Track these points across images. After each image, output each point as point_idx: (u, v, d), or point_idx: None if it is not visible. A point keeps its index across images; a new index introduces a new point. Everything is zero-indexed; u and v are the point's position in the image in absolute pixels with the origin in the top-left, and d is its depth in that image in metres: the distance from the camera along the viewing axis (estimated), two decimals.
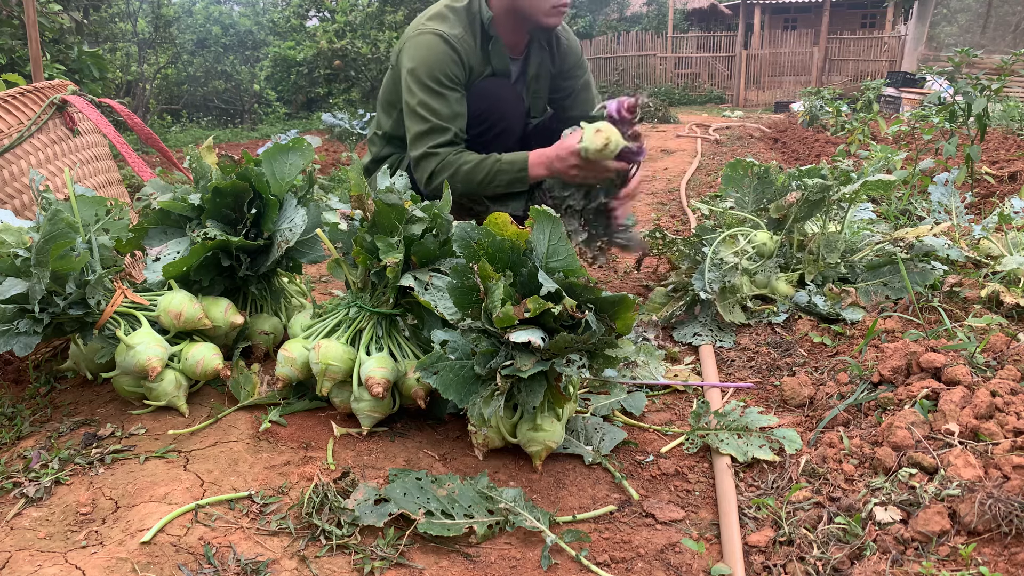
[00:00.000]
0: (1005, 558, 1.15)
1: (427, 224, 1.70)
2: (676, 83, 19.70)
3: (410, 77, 2.35)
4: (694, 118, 12.50)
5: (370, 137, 2.72)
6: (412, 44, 2.36)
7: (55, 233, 1.61)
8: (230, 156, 2.01)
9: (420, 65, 2.32)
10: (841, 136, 7.03)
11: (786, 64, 19.19)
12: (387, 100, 2.58)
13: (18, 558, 1.24)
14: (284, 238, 1.92)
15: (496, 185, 2.36)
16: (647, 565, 1.30)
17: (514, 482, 1.54)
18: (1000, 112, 6.90)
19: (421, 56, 2.33)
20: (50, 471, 1.49)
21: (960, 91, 3.72)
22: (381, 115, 2.63)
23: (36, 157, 2.28)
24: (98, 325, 1.77)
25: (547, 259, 1.48)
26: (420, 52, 2.33)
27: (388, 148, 2.64)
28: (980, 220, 3.06)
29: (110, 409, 1.78)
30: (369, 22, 12.21)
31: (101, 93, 5.87)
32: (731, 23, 22.44)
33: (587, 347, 1.47)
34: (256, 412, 1.76)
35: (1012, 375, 1.58)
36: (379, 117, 2.65)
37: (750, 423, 1.65)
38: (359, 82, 12.38)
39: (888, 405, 1.62)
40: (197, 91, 13.59)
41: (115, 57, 10.20)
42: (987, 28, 29.35)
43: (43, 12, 5.37)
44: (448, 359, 1.51)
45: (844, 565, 1.21)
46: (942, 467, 1.34)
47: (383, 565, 1.25)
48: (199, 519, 1.35)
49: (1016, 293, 2.09)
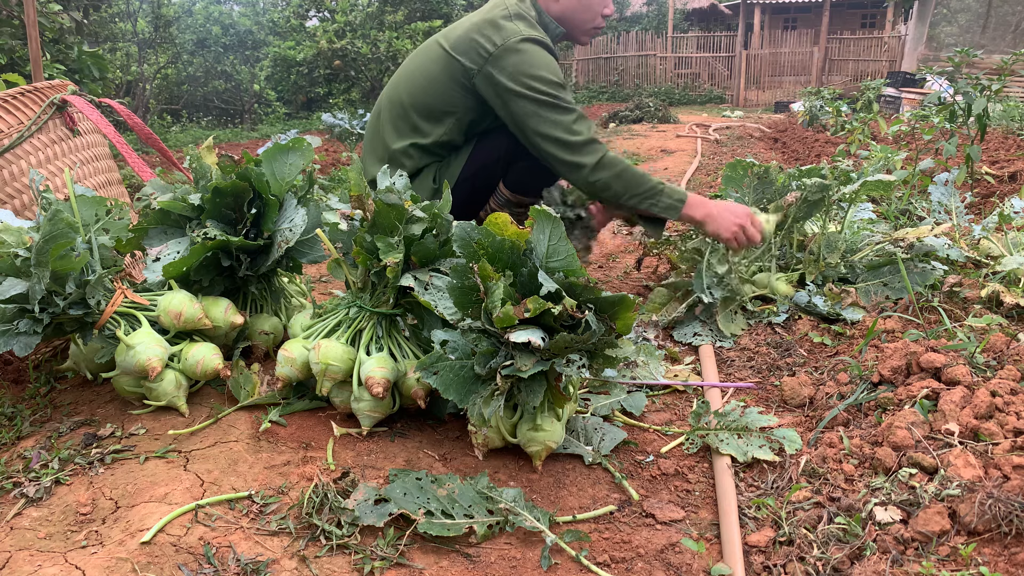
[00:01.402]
0: (1005, 558, 1.15)
1: (427, 224, 1.70)
2: (676, 83, 19.70)
3: (531, 79, 2.21)
4: (694, 118, 12.50)
5: (401, 149, 2.43)
6: (517, 57, 2.22)
7: (55, 233, 1.61)
8: (230, 156, 2.01)
9: (537, 76, 2.22)
10: (841, 136, 7.03)
11: (786, 64, 19.19)
12: (434, 107, 2.38)
13: (18, 558, 1.25)
14: (284, 238, 1.92)
15: (650, 203, 2.30)
16: (647, 565, 1.30)
17: (514, 482, 1.54)
18: (1000, 112, 6.90)
19: (538, 60, 2.24)
20: (50, 471, 1.49)
21: (960, 91, 3.72)
22: (423, 124, 2.40)
23: (36, 157, 2.28)
24: (98, 325, 1.77)
25: (547, 259, 1.48)
26: (534, 60, 2.23)
27: (428, 158, 2.45)
28: (980, 220, 3.06)
29: (110, 409, 1.78)
30: (369, 22, 12.21)
31: (101, 93, 5.87)
32: (731, 23, 22.44)
33: (587, 347, 1.47)
34: (256, 412, 1.76)
35: (1012, 375, 1.58)
36: (417, 126, 2.41)
37: (750, 423, 1.65)
38: (359, 82, 12.38)
39: (888, 405, 1.62)
40: (197, 91, 13.59)
41: (115, 57, 10.21)
42: (987, 28, 29.36)
43: (43, 12, 5.37)
44: (448, 359, 1.52)
45: (844, 565, 1.21)
46: (942, 467, 1.34)
47: (383, 565, 1.25)
48: (199, 519, 1.35)
49: (1016, 293, 2.09)
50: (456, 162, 2.45)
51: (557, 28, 2.42)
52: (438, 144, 2.43)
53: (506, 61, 2.23)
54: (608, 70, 20.44)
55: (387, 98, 2.53)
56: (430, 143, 2.42)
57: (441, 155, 2.47)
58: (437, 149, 2.44)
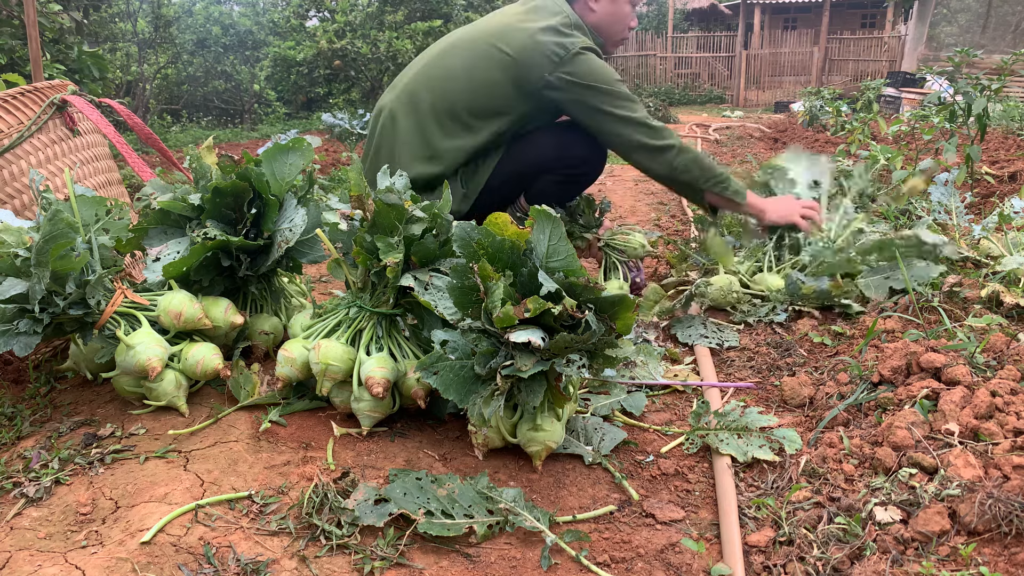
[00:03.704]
0: (1005, 558, 1.15)
1: (427, 224, 1.70)
2: (676, 83, 19.69)
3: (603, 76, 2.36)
4: (694, 118, 12.50)
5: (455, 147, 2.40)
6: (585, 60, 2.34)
7: (55, 233, 1.61)
8: (230, 156, 2.01)
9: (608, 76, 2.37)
10: (841, 136, 7.02)
11: (786, 64, 19.19)
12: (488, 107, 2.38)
13: (18, 558, 1.25)
14: (284, 238, 1.92)
15: (722, 187, 2.46)
16: (647, 565, 1.30)
17: (514, 482, 1.54)
18: (1000, 112, 6.89)
19: (601, 64, 2.39)
20: (50, 471, 1.49)
21: (960, 91, 3.72)
22: (476, 122, 2.39)
23: (36, 157, 2.28)
24: (98, 325, 1.77)
25: (547, 259, 1.48)
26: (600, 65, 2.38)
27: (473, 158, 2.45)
28: (980, 220, 3.06)
29: (110, 409, 1.78)
30: (369, 22, 12.20)
31: (101, 93, 5.87)
32: (731, 23, 22.44)
33: (587, 347, 1.47)
34: (256, 412, 1.76)
35: (1012, 375, 1.58)
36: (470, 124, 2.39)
37: (750, 423, 1.65)
38: (359, 82, 12.38)
39: (888, 405, 1.62)
40: (197, 91, 13.58)
41: (115, 57, 10.20)
42: (987, 28, 29.36)
43: (43, 12, 5.37)
44: (448, 359, 1.52)
45: (844, 565, 1.21)
46: (942, 467, 1.34)
47: (383, 565, 1.25)
48: (199, 519, 1.35)
49: (1016, 293, 2.09)
50: (483, 169, 2.48)
51: (597, 38, 2.53)
52: (485, 144, 2.45)
53: (576, 63, 2.35)
54: None
55: (422, 97, 2.43)
56: (479, 144, 2.43)
57: (481, 157, 2.49)
58: (483, 149, 2.46)
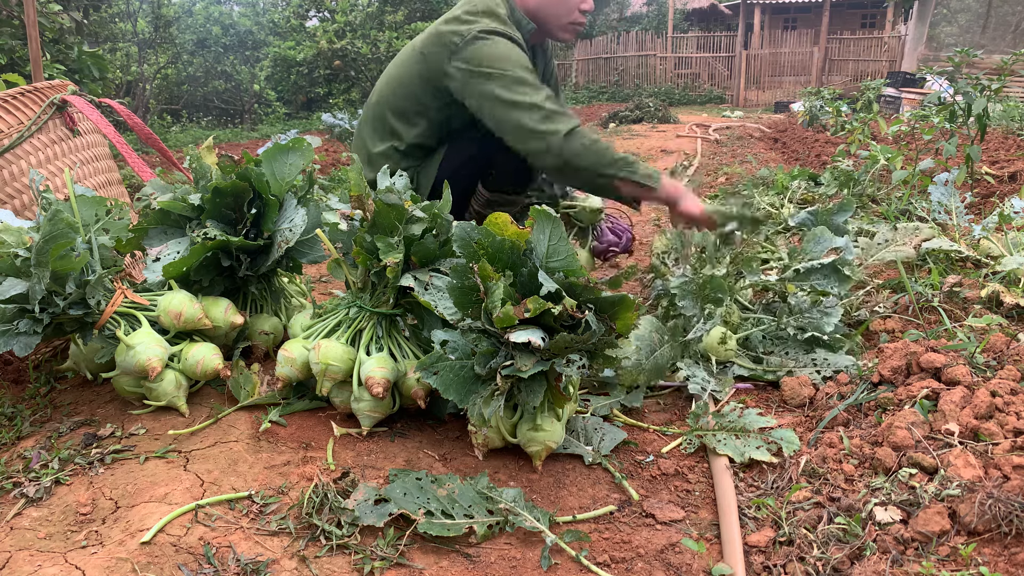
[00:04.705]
0: (1005, 558, 1.15)
1: (427, 224, 1.70)
2: (676, 83, 19.69)
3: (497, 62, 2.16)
4: (694, 118, 12.50)
5: (381, 152, 2.42)
6: (482, 45, 2.19)
7: (55, 233, 1.61)
8: (230, 156, 2.01)
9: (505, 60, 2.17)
10: (841, 136, 7.02)
11: (786, 64, 19.18)
12: (408, 109, 2.37)
13: (18, 558, 1.25)
14: (284, 238, 1.92)
15: (628, 171, 2.18)
16: (647, 565, 1.30)
17: (514, 482, 1.54)
18: (1000, 112, 6.89)
19: (502, 49, 2.20)
20: (50, 471, 1.49)
21: (960, 91, 3.71)
22: (399, 126, 2.40)
23: (36, 157, 2.28)
24: (98, 325, 1.77)
25: (547, 259, 1.48)
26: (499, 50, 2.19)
27: (406, 162, 2.42)
28: (980, 220, 3.06)
29: (110, 409, 1.78)
30: (369, 22, 12.21)
31: (101, 93, 5.87)
32: (731, 23, 22.44)
33: (587, 347, 1.47)
34: (256, 412, 1.76)
35: (1012, 375, 1.58)
36: (394, 129, 2.40)
37: (748, 424, 1.65)
38: (359, 82, 12.39)
39: (888, 405, 1.62)
40: (197, 91, 13.59)
41: (115, 57, 10.21)
42: (987, 28, 29.36)
43: (43, 12, 5.37)
44: (448, 359, 1.51)
45: (844, 565, 1.21)
46: (942, 467, 1.34)
47: (383, 565, 1.25)
48: (199, 519, 1.35)
49: (1016, 293, 2.09)
50: (431, 165, 2.44)
51: (529, 24, 2.38)
52: (413, 147, 2.42)
53: (470, 50, 2.19)
54: (608, 70, 20.43)
55: (369, 102, 2.54)
56: (406, 146, 2.41)
57: (418, 158, 2.46)
58: (413, 151, 2.43)
